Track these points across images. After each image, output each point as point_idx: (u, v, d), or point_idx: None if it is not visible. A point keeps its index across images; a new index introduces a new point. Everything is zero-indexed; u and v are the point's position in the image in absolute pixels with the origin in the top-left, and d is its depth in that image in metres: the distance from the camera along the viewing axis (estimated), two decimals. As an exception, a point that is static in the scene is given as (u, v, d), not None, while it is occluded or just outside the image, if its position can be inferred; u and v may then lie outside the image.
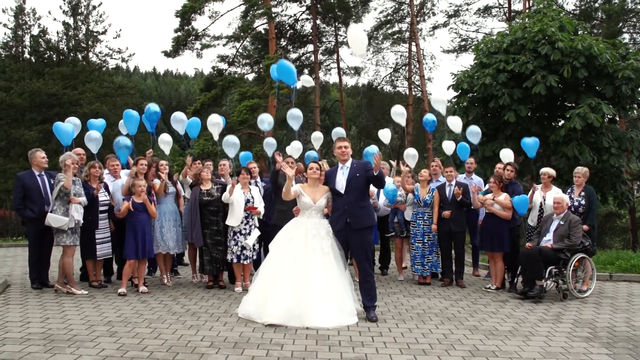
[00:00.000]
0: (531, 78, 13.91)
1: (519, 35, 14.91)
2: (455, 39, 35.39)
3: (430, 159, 29.40)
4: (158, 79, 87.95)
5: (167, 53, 30.53)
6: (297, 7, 34.95)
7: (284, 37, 34.94)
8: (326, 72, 37.01)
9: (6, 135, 28.70)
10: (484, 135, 15.19)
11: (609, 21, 28.39)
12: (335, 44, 35.58)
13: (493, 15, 35.04)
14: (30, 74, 31.15)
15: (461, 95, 15.79)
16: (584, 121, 13.31)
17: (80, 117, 29.32)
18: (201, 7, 29.96)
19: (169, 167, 9.53)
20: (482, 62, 15.21)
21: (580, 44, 13.70)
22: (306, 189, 7.02)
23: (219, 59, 32.43)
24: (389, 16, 35.72)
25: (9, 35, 33.24)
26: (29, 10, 33.52)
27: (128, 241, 8.27)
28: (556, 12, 16.19)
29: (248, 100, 26.56)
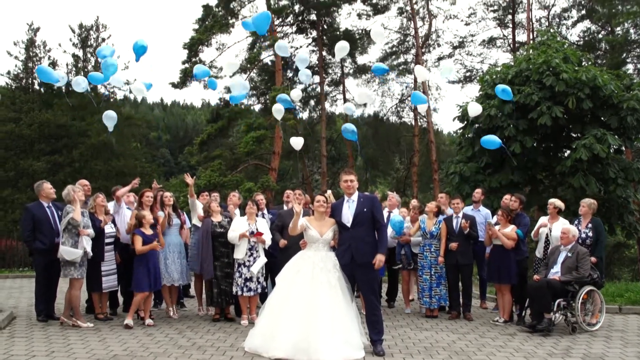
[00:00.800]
0: (536, 109, 13.96)
1: (523, 67, 15.01)
2: (460, 69, 35.62)
3: (437, 189, 29.42)
4: (165, 110, 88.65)
5: (174, 84, 30.81)
6: (303, 39, 35.37)
7: (290, 69, 35.23)
8: (332, 103, 37.26)
9: (14, 165, 28.90)
10: (490, 167, 15.23)
11: (612, 52, 28.59)
12: (341, 75, 35.88)
13: (498, 46, 35.35)
14: (40, 105, 31.48)
15: (467, 127, 15.85)
16: (589, 152, 13.30)
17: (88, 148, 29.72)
18: (209, 40, 30.33)
19: (173, 199, 9.55)
20: (487, 93, 15.29)
21: (585, 75, 13.77)
22: (313, 222, 7.03)
23: (226, 90, 32.67)
24: (395, 48, 36.05)
25: (20, 67, 33.68)
26: (40, 43, 34.00)
27: (139, 273, 8.24)
28: (560, 44, 16.32)
29: (254, 132, 26.71)
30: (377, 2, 33.94)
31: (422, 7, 35.24)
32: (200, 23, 30.53)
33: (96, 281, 8.54)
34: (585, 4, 32.72)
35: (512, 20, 34.09)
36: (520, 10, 33.87)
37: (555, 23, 33.85)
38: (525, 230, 9.17)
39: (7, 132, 29.22)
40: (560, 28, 33.64)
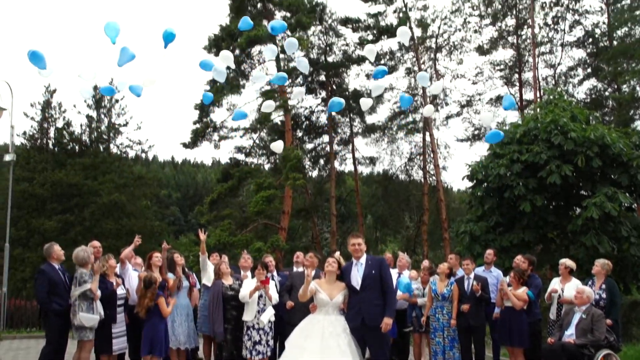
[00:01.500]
0: (545, 168, 13.97)
1: (531, 126, 15.11)
2: (468, 128, 35.94)
3: (447, 248, 29.23)
4: (176, 168, 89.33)
5: (185, 144, 31.23)
6: (312, 99, 35.90)
7: (299, 128, 35.69)
8: (341, 162, 37.48)
9: (26, 224, 29.10)
10: (500, 226, 15.15)
11: (620, 109, 28.81)
12: (350, 134, 36.23)
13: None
14: (53, 164, 31.98)
15: (476, 186, 15.85)
16: (601, 210, 13.22)
17: (99, 207, 29.99)
18: (219, 100, 30.83)
19: (183, 260, 9.52)
20: (495, 152, 15.35)
21: (593, 133, 13.83)
22: (322, 285, 6.98)
23: (236, 150, 33.08)
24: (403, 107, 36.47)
25: (35, 128, 34.38)
26: (56, 105, 34.86)
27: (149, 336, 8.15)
28: (567, 103, 16.48)
29: (264, 191, 26.82)
30: (385, 63, 34.53)
31: (430, 67, 35.85)
32: (212, 84, 31.11)
33: (107, 343, 8.42)
34: (590, 62, 33.20)
35: (519, 79, 34.54)
36: (527, 69, 34.37)
37: (562, 81, 34.28)
38: (537, 291, 9.04)
39: (20, 191, 29.57)
40: (567, 86, 34.07)
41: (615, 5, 31.42)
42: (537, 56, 32.94)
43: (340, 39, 34.64)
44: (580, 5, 32.88)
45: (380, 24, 33.42)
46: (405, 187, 37.66)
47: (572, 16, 33.18)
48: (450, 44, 35.81)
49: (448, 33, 35.64)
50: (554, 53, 34.23)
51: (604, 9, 32.02)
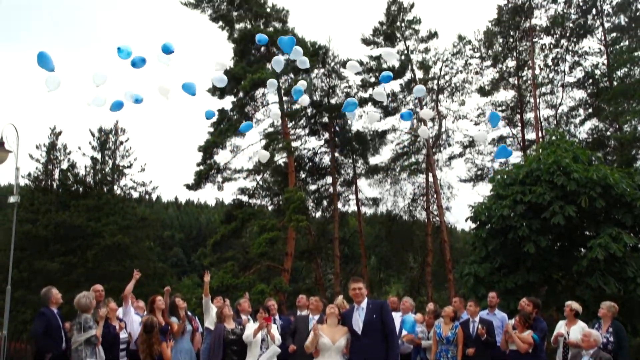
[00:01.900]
0: (549, 209, 13.97)
1: (534, 167, 15.16)
2: (471, 168, 36.00)
3: (452, 289, 28.98)
4: (180, 209, 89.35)
5: (189, 186, 31.32)
6: (315, 140, 36.11)
7: (303, 170, 35.83)
8: (345, 203, 37.48)
9: (29, 266, 28.99)
10: (505, 267, 15.06)
11: (621, 149, 28.86)
12: (353, 175, 36.32)
13: (507, 145, 35.72)
14: (57, 206, 32.01)
15: (480, 227, 15.83)
16: (606, 251, 13.17)
17: (102, 249, 29.93)
18: (223, 142, 31.04)
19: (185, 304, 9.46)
20: (498, 193, 15.38)
21: (595, 174, 13.87)
22: (325, 329, 6.92)
23: (239, 191, 33.14)
24: (406, 148, 36.66)
25: (40, 169, 34.54)
26: (61, 146, 35.09)
27: None
28: (569, 144, 16.55)
29: (267, 233, 26.79)
30: (387, 105, 34.85)
31: (432, 108, 36.13)
32: (216, 126, 31.39)
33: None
34: (591, 102, 33.39)
35: (521, 119, 34.71)
36: (528, 109, 34.58)
37: (563, 122, 34.43)
38: (543, 335, 8.95)
39: (24, 232, 29.52)
40: (569, 126, 34.20)
41: (614, 47, 31.79)
42: (538, 97, 33.22)
43: (342, 81, 35.06)
44: (579, 47, 33.28)
45: (382, 66, 33.82)
46: (408, 227, 37.52)
47: (572, 57, 33.54)
48: (452, 85, 36.16)
49: (450, 75, 36.05)
50: (555, 94, 34.50)
51: (603, 50, 32.38)
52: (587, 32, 32.47)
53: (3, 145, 13.18)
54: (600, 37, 32.48)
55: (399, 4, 34.40)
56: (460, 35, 35.33)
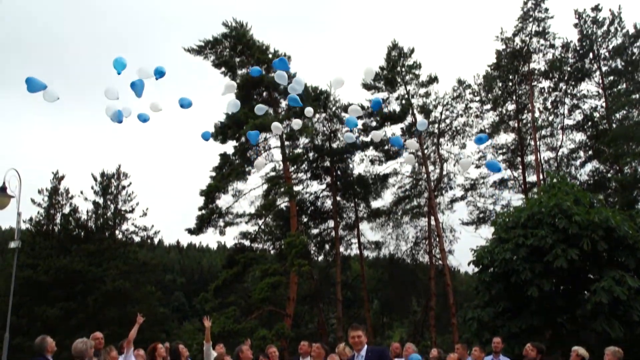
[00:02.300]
0: (551, 252, 13.93)
1: (535, 210, 15.17)
2: (473, 211, 35.97)
3: (455, 334, 28.65)
4: (181, 252, 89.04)
5: (191, 230, 31.28)
6: (317, 184, 36.20)
7: (305, 214, 35.84)
8: (347, 246, 37.33)
9: (28, 312, 28.76)
10: (509, 311, 14.93)
11: (623, 191, 28.87)
12: (355, 219, 36.29)
13: (509, 187, 35.84)
14: (58, 250, 31.94)
15: (482, 271, 15.75)
16: (610, 294, 13.08)
17: (103, 294, 29.70)
18: (225, 187, 31.14)
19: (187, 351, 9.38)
20: (500, 236, 15.36)
21: (597, 216, 13.88)
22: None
23: (241, 236, 33.07)
24: (407, 191, 36.73)
25: (42, 214, 34.56)
26: (63, 191, 35.20)
27: None
28: (570, 186, 16.60)
29: (270, 278, 26.66)
30: (389, 148, 35.04)
31: (433, 151, 36.36)
32: (218, 171, 31.53)
33: None
34: (591, 145, 33.56)
35: (522, 162, 34.84)
36: (529, 152, 34.74)
37: (564, 164, 34.56)
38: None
39: (24, 278, 29.37)
40: (570, 168, 34.31)
41: (611, 90, 32.15)
42: (538, 140, 33.45)
43: (344, 126, 35.31)
44: (578, 90, 33.66)
45: (383, 111, 34.15)
46: (411, 271, 37.33)
47: (571, 100, 33.90)
48: (453, 128, 36.43)
49: (450, 118, 36.37)
50: (555, 136, 34.74)
51: (601, 93, 32.72)
52: (585, 75, 32.88)
53: (5, 191, 13.22)
54: (598, 81, 32.89)
55: (399, 49, 34.94)
56: (460, 80, 35.83)
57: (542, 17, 32.55)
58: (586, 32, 32.40)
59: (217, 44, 32.48)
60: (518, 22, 33.08)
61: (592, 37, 32.22)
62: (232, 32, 32.21)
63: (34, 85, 9.59)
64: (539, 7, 32.46)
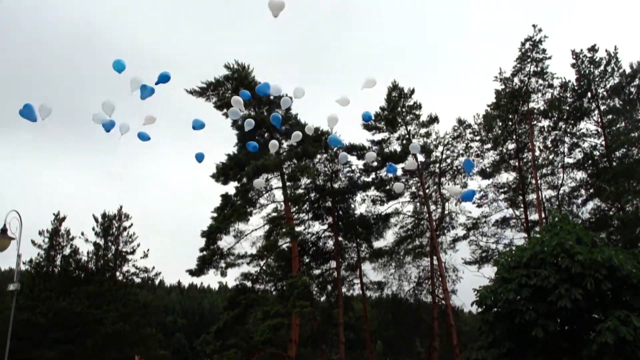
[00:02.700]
0: (555, 292, 13.82)
1: (537, 249, 15.12)
2: (476, 250, 35.78)
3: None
4: (182, 293, 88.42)
5: (192, 272, 31.10)
6: (319, 225, 36.14)
7: (306, 254, 35.70)
8: (349, 287, 37.05)
9: (27, 355, 28.42)
10: (513, 352, 14.74)
11: (625, 229, 28.77)
12: (357, 259, 36.14)
13: (511, 226, 35.78)
14: (57, 292, 31.73)
15: (486, 311, 15.61)
16: (615, 335, 12.93)
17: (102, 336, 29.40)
18: (226, 228, 31.08)
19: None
20: (503, 276, 15.27)
21: (600, 256, 13.82)
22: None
23: (243, 277, 32.85)
24: (409, 231, 36.66)
25: (42, 256, 34.44)
26: (64, 232, 35.17)
27: None
28: (572, 225, 16.55)
29: (271, 319, 26.43)
30: (390, 188, 35.12)
31: (434, 191, 36.41)
32: (219, 211, 31.51)
33: None
34: (592, 183, 33.56)
35: (523, 201, 34.81)
36: (530, 190, 34.75)
37: (566, 202, 34.54)
38: None
39: (22, 320, 29.12)
40: (571, 206, 34.28)
41: (610, 128, 32.29)
42: (539, 178, 33.52)
43: (345, 166, 35.47)
44: (577, 129, 33.80)
45: (384, 151, 34.33)
46: (414, 311, 37.01)
47: (571, 139, 34.03)
48: (454, 168, 36.53)
49: (451, 158, 36.54)
50: (555, 175, 34.78)
51: (601, 131, 32.86)
52: (584, 114, 33.08)
53: (5, 232, 13.26)
54: (597, 119, 33.06)
55: (400, 90, 35.30)
56: (460, 119, 36.11)
57: (540, 58, 32.92)
58: (584, 71, 32.71)
59: (219, 85, 32.84)
60: (517, 62, 33.46)
61: (589, 77, 32.52)
62: (234, 74, 32.60)
63: (28, 113, 9.93)
64: (536, 48, 32.86)
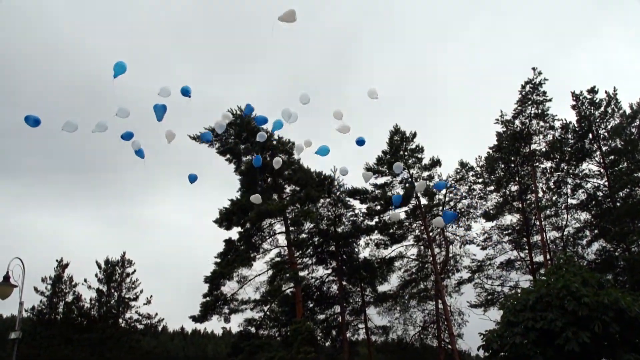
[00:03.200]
0: (562, 335, 13.63)
1: (543, 292, 14.95)
2: (481, 293, 35.44)
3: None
4: (186, 339, 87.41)
5: (195, 318, 30.89)
6: (323, 269, 36.00)
7: (310, 299, 35.43)
8: (354, 332, 36.64)
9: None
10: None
11: (631, 270, 28.55)
12: (362, 304, 35.82)
13: (516, 268, 35.55)
14: (60, 340, 31.41)
15: (492, 356, 15.37)
16: (625, 378, 12.71)
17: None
18: (230, 273, 30.97)
19: None
20: (509, 320, 15.07)
21: (607, 298, 13.66)
22: None
23: (247, 323, 32.56)
24: (414, 275, 36.40)
25: (44, 303, 34.20)
26: (66, 279, 35.02)
27: None
28: (577, 267, 16.42)
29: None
30: (394, 232, 35.07)
31: (438, 234, 36.27)
32: (222, 257, 31.45)
33: None
34: (596, 223, 33.41)
35: (528, 242, 34.65)
36: (534, 232, 34.61)
37: (570, 243, 34.34)
38: None
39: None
40: (576, 247, 34.10)
41: (613, 169, 32.34)
42: (543, 220, 33.43)
43: (349, 210, 35.52)
44: (579, 170, 33.86)
45: (387, 195, 34.40)
46: (420, 355, 36.46)
47: (573, 180, 34.06)
48: (457, 211, 36.46)
49: (454, 200, 36.46)
50: (559, 216, 34.67)
51: (603, 172, 32.91)
52: (586, 155, 33.20)
53: (8, 280, 13.25)
54: (599, 160, 33.15)
55: (402, 133, 35.55)
56: (463, 162, 36.24)
57: (540, 100, 33.22)
58: (584, 113, 32.97)
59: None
60: (517, 105, 33.77)
61: (590, 118, 32.75)
62: (236, 120, 32.95)
63: (32, 122, 10.62)
64: (537, 91, 33.19)
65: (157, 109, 11.88)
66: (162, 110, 11.87)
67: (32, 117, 11.50)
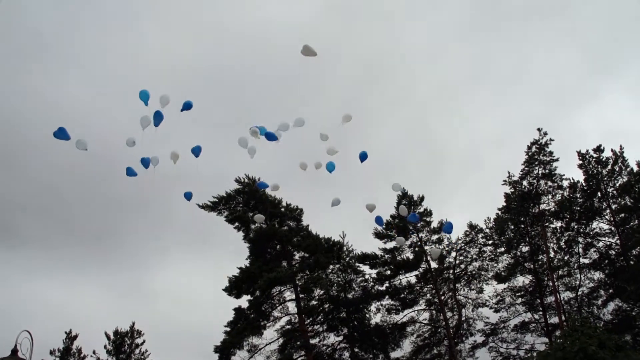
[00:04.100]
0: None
1: (559, 356, 14.69)
2: (496, 357, 34.62)
3: None
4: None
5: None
6: (334, 336, 35.35)
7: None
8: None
9: None
10: None
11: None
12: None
13: (531, 330, 34.86)
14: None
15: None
16: None
17: None
18: (240, 342, 30.51)
19: None
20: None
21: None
22: None
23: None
24: (427, 340, 35.68)
25: (52, 376, 33.71)
26: (75, 350, 34.60)
27: None
28: (593, 329, 16.14)
29: None
30: (405, 296, 34.66)
31: (450, 297, 35.79)
32: (232, 326, 31.05)
33: None
34: (611, 282, 32.87)
35: (541, 304, 34.08)
36: (548, 292, 34.09)
37: (585, 303, 33.74)
38: None
39: None
40: (592, 308, 33.49)
41: (624, 227, 32.07)
42: (556, 280, 32.98)
43: (358, 276, 35.23)
44: (590, 229, 33.59)
45: (397, 259, 34.19)
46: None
47: (585, 239, 33.74)
48: (468, 273, 36.10)
49: (465, 263, 36.13)
50: (572, 276, 34.16)
51: (614, 230, 32.64)
52: (596, 214, 33.03)
53: (16, 354, 13.07)
54: (609, 218, 32.94)
55: (409, 197, 35.58)
56: (472, 224, 36.02)
57: (547, 160, 33.32)
58: (591, 172, 33.01)
59: (231, 199, 33.37)
60: (524, 165, 33.87)
61: (597, 177, 32.76)
62: (244, 188, 33.18)
63: (62, 134, 10.94)
64: (543, 151, 33.31)
65: (142, 95, 12.02)
66: (148, 97, 12.13)
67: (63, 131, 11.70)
